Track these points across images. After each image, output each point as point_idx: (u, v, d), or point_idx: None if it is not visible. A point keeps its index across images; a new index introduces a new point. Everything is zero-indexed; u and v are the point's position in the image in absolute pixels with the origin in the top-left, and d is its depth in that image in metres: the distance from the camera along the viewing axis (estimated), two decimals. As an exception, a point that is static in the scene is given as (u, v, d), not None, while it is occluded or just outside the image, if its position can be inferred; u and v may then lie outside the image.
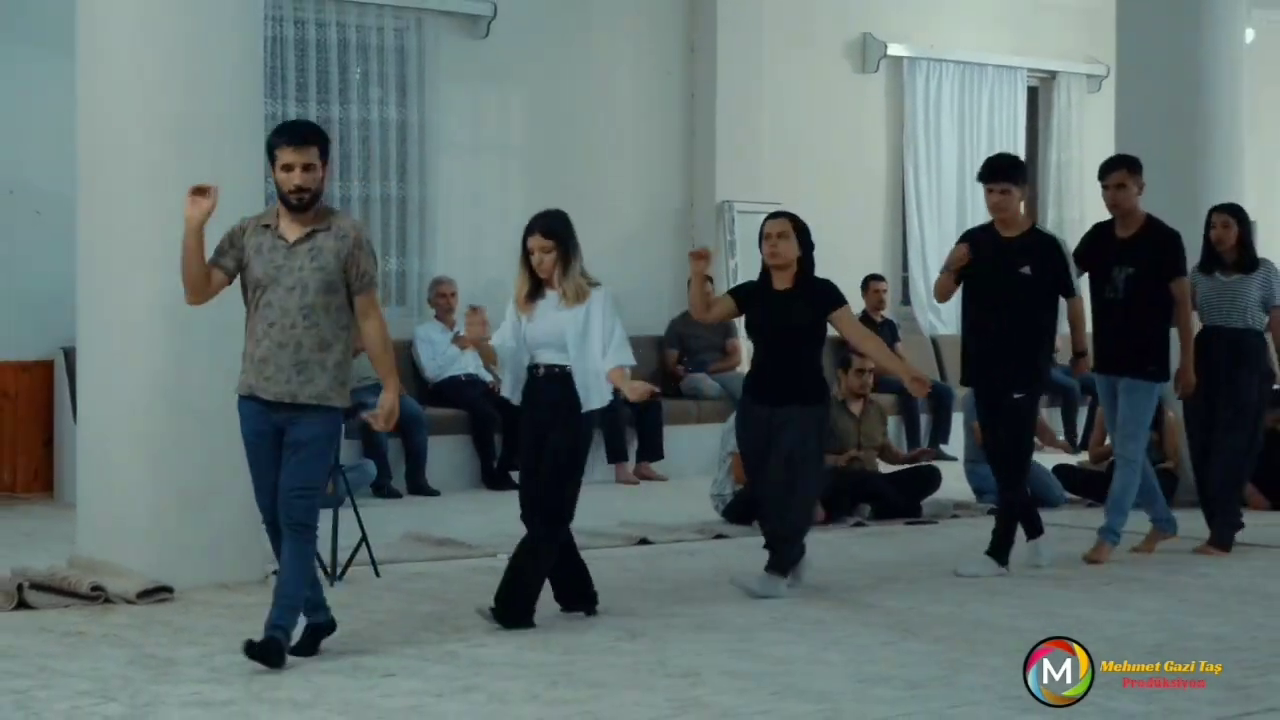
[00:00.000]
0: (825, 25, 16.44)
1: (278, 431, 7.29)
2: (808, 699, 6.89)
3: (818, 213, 15.80)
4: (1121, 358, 10.17)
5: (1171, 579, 9.83)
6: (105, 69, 9.18)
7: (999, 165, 10.12)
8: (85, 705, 6.73)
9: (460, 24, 14.47)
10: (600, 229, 14.16)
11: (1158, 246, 10.23)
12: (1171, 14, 13.11)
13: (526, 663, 7.54)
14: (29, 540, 10.30)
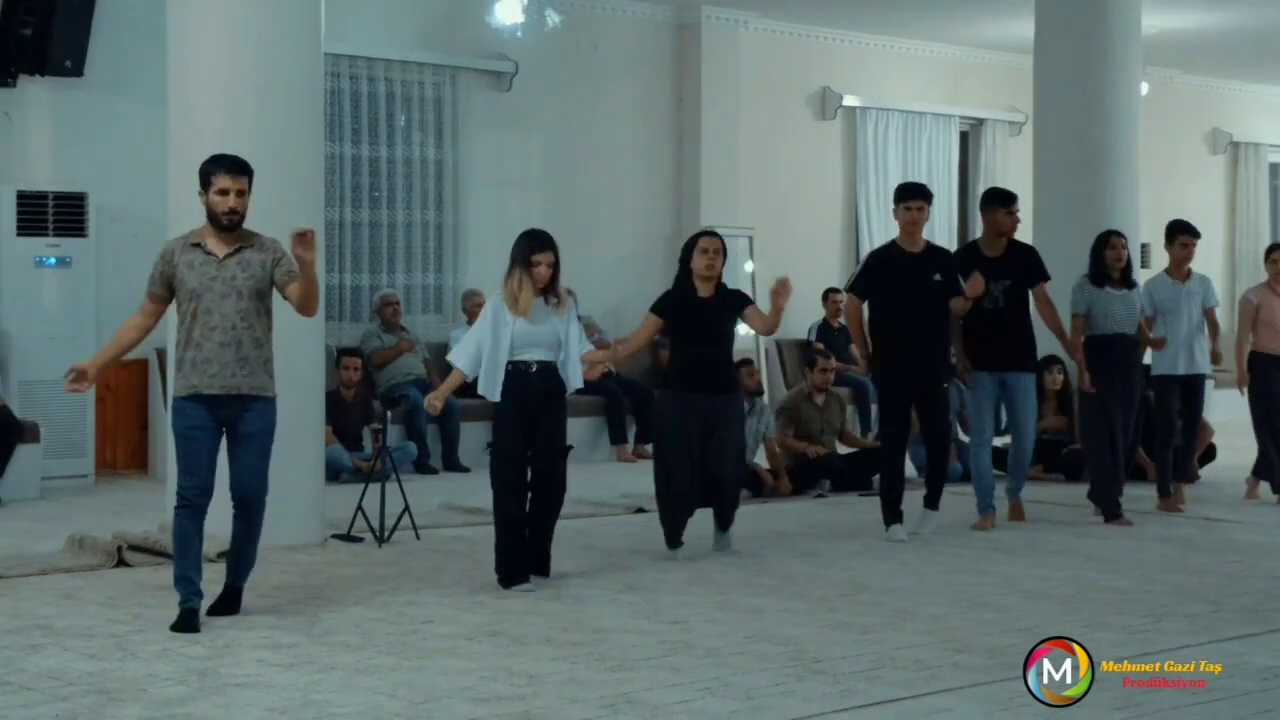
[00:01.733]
0: (791, 80, 16.44)
1: (219, 425, 7.16)
2: (777, 642, 6.91)
3: (784, 235, 15.92)
4: (1008, 357, 10.12)
5: (1044, 545, 9.80)
6: (192, 118, 9.16)
7: (920, 186, 10.24)
8: (174, 647, 6.72)
9: (488, 79, 14.46)
10: (603, 249, 14.18)
11: (1027, 260, 10.33)
12: (1079, 71, 13.11)
13: (543, 611, 7.55)
14: (127, 509, 10.27)
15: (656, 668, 6.43)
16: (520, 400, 8.13)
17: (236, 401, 7.12)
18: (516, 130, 14.72)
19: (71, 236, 11.79)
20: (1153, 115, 15.58)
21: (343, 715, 5.68)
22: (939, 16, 15.99)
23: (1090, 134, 13.06)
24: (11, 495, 10.94)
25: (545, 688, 6.10)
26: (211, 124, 9.08)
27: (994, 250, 10.29)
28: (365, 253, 13.95)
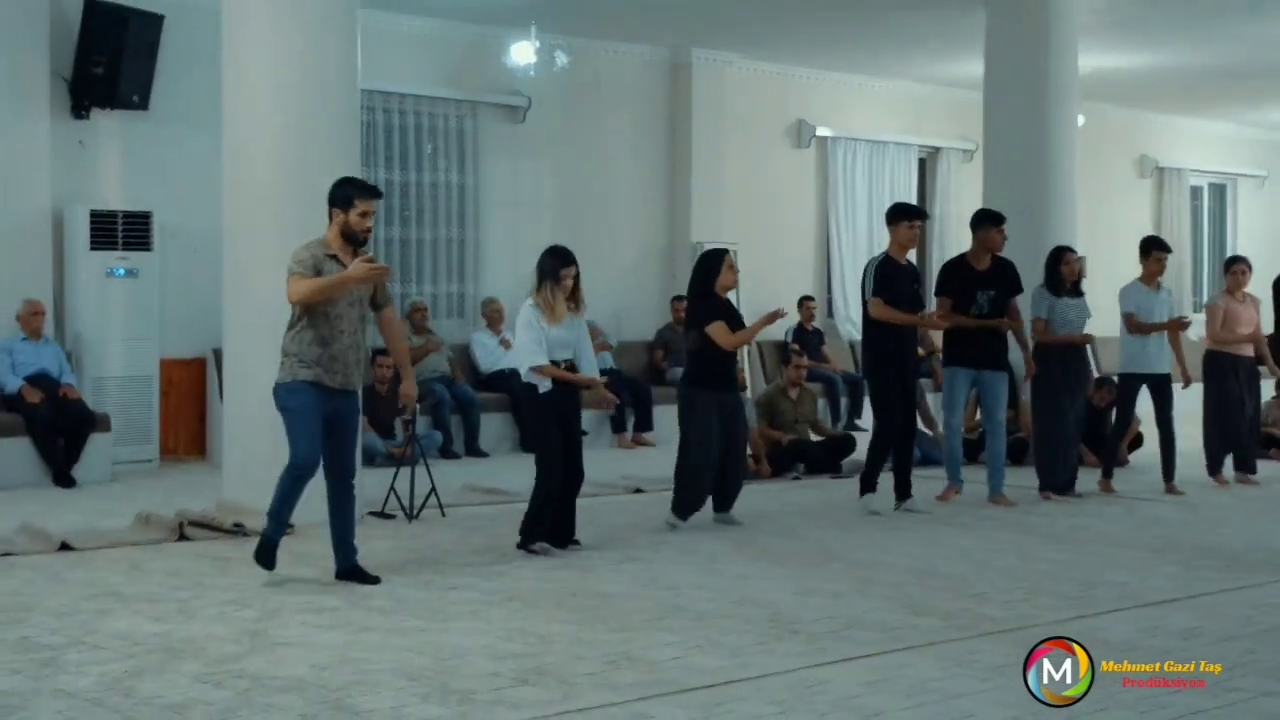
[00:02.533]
0: (770, 113, 16.43)
1: (334, 411, 7.35)
2: (758, 605, 6.93)
3: (764, 249, 15.90)
4: (988, 357, 10.13)
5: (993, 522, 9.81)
6: (244, 146, 9.17)
7: (904, 208, 10.33)
8: (229, 611, 6.74)
9: (504, 113, 14.46)
10: (607, 262, 14.15)
11: (1009, 275, 10.33)
12: (1023, 104, 13.10)
13: (552, 579, 7.56)
14: (187, 490, 10.27)
15: (653, 629, 6.45)
16: (556, 395, 8.25)
17: (347, 396, 7.44)
18: (529, 157, 14.71)
19: (138, 250, 11.78)
20: (1088, 144, 15.57)
21: (377, 670, 5.70)
22: (900, 56, 15.99)
23: (1033, 161, 13.06)
24: (86, 478, 10.94)
25: (555, 646, 6.11)
26: (261, 151, 9.10)
27: (981, 264, 10.29)
28: (396, 265, 13.94)
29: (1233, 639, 6.31)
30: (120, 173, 12.25)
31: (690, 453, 9.21)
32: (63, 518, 9.18)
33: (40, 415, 10.91)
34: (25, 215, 11.69)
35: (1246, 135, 21.68)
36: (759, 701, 5.30)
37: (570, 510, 8.48)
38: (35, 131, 11.74)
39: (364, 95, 10.15)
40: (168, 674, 5.62)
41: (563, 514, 8.41)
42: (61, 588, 7.27)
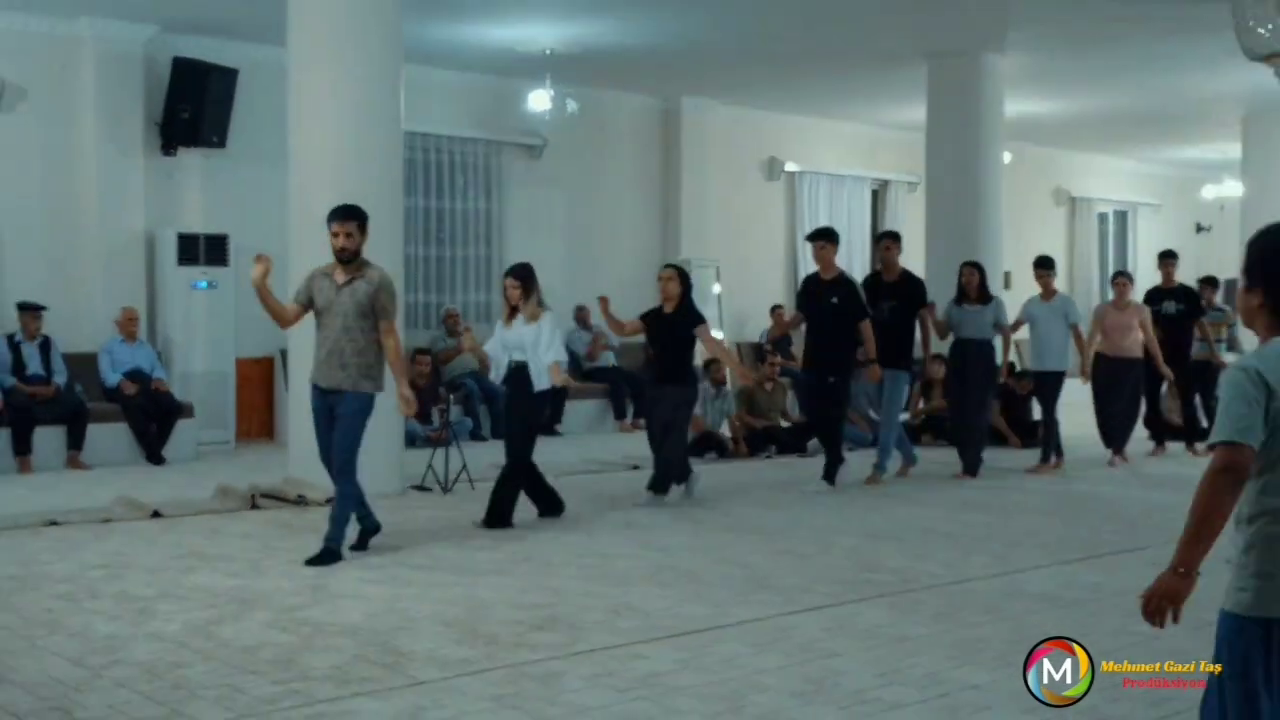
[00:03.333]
0: (747, 151, 16.43)
1: (329, 408, 7.00)
2: (737, 564, 6.95)
3: (741, 266, 15.93)
4: (890, 359, 9.95)
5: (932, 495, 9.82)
6: (306, 179, 9.18)
7: (824, 230, 10.13)
8: (295, 569, 6.75)
9: (524, 150, 14.47)
10: (608, 275, 14.14)
11: (912, 287, 10.21)
12: (959, 144, 13.13)
13: (565, 542, 7.58)
14: (258, 467, 10.26)
15: (649, 583, 6.46)
16: (507, 388, 8.25)
17: (336, 394, 6.97)
18: (545, 188, 14.71)
19: (217, 266, 11.80)
20: (1013, 177, 15.57)
21: (418, 617, 5.71)
22: (856, 103, 16.01)
23: (967, 191, 13.09)
24: (173, 457, 10.95)
25: (567, 597, 6.13)
26: (320, 183, 9.08)
27: (890, 277, 10.22)
28: (433, 278, 13.96)
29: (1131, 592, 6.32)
30: (202, 201, 12.26)
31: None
32: (154, 490, 9.19)
33: (135, 405, 10.92)
34: (123, 236, 11.71)
35: (1144, 170, 21.73)
36: (738, 644, 5.31)
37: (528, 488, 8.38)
38: (132, 166, 11.76)
39: (406, 136, 10.15)
40: (242, 621, 5.64)
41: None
42: (153, 549, 7.29)
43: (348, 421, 6.95)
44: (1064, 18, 11.74)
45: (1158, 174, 21.95)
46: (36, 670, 4.89)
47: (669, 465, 8.99)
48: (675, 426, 9.00)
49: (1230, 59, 10.96)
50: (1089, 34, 12.29)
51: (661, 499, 8.98)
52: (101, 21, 11.44)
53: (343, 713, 4.39)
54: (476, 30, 12.00)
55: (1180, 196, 21.99)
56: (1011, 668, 5.01)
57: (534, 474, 8.34)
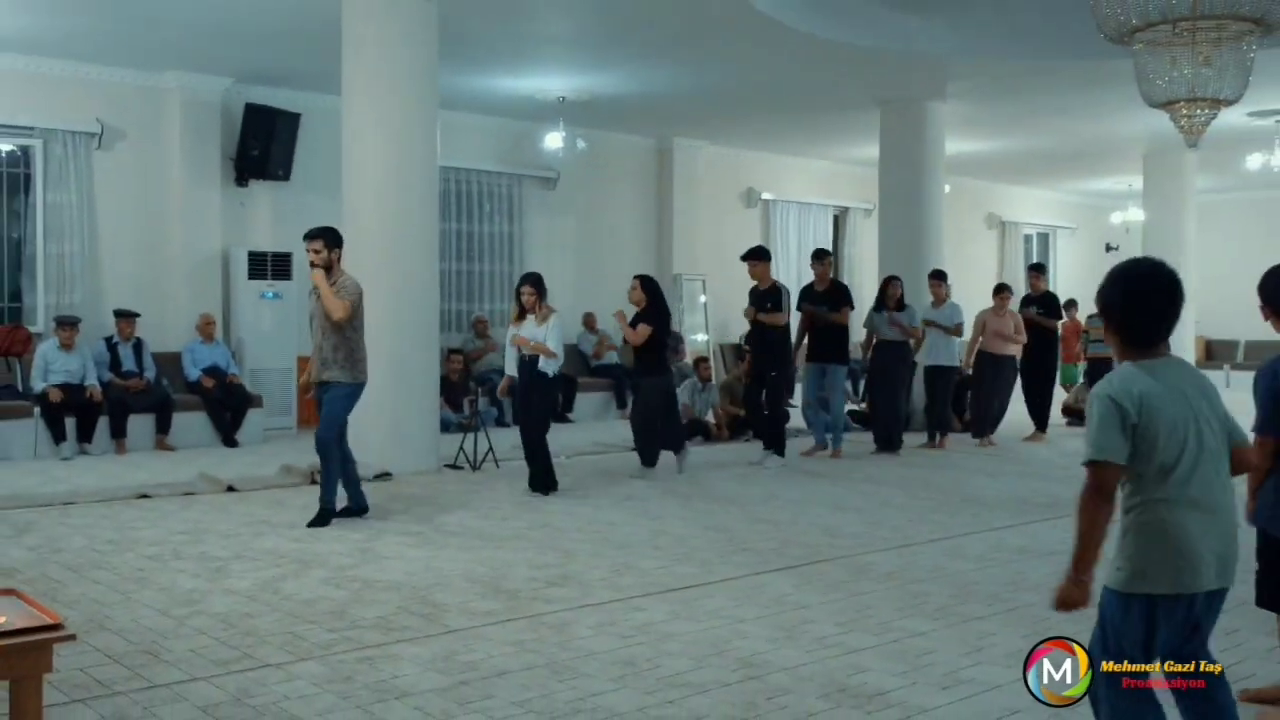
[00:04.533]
0: (729, 182, 16.41)
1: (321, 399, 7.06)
2: (720, 531, 6.93)
3: (725, 280, 15.86)
4: (827, 355, 10.05)
5: (904, 471, 9.80)
6: (357, 206, 9.15)
7: (752, 250, 10.00)
8: (345, 534, 6.74)
9: (541, 182, 14.43)
10: (611, 288, 14.07)
11: (839, 294, 10.21)
12: (906, 177, 13.07)
13: (574, 513, 7.55)
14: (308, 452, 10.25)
15: (646, 547, 6.44)
16: (520, 378, 8.18)
17: (322, 385, 7.03)
18: (558, 214, 14.68)
19: (281, 280, 11.77)
20: (952, 205, 15.51)
21: (450, 575, 5.69)
22: (820, 142, 15.98)
23: (913, 217, 13.05)
24: (245, 441, 10.90)
25: (576, 559, 6.11)
26: (369, 209, 9.08)
27: (821, 286, 10.22)
28: (464, 289, 13.92)
29: (1056, 553, 6.32)
30: (269, 225, 12.24)
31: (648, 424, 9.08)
32: (229, 468, 9.17)
33: (213, 396, 10.89)
34: (202, 254, 11.68)
35: (1062, 199, 21.72)
36: (721, 598, 5.30)
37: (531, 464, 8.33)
38: (210, 196, 11.73)
39: (441, 170, 10.12)
40: (302, 578, 5.62)
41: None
42: (228, 517, 7.27)
43: (331, 405, 6.96)
44: (995, 72, 11.76)
45: (1073, 202, 21.95)
46: (129, 619, 4.87)
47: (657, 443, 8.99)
48: (653, 412, 8.93)
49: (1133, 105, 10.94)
50: (1015, 85, 12.32)
51: (645, 471, 8.98)
52: (186, 74, 11.42)
53: (388, 656, 4.38)
54: (501, 82, 11.99)
55: (1092, 221, 21.98)
56: (952, 617, 5.01)
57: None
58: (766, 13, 9.36)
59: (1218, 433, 2.89)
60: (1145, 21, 6.62)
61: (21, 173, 11.04)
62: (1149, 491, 2.85)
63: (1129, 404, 2.81)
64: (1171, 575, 2.84)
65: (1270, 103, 12.93)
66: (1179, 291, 2.88)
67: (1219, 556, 2.86)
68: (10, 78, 10.72)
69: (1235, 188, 19.68)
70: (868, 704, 3.87)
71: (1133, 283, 2.90)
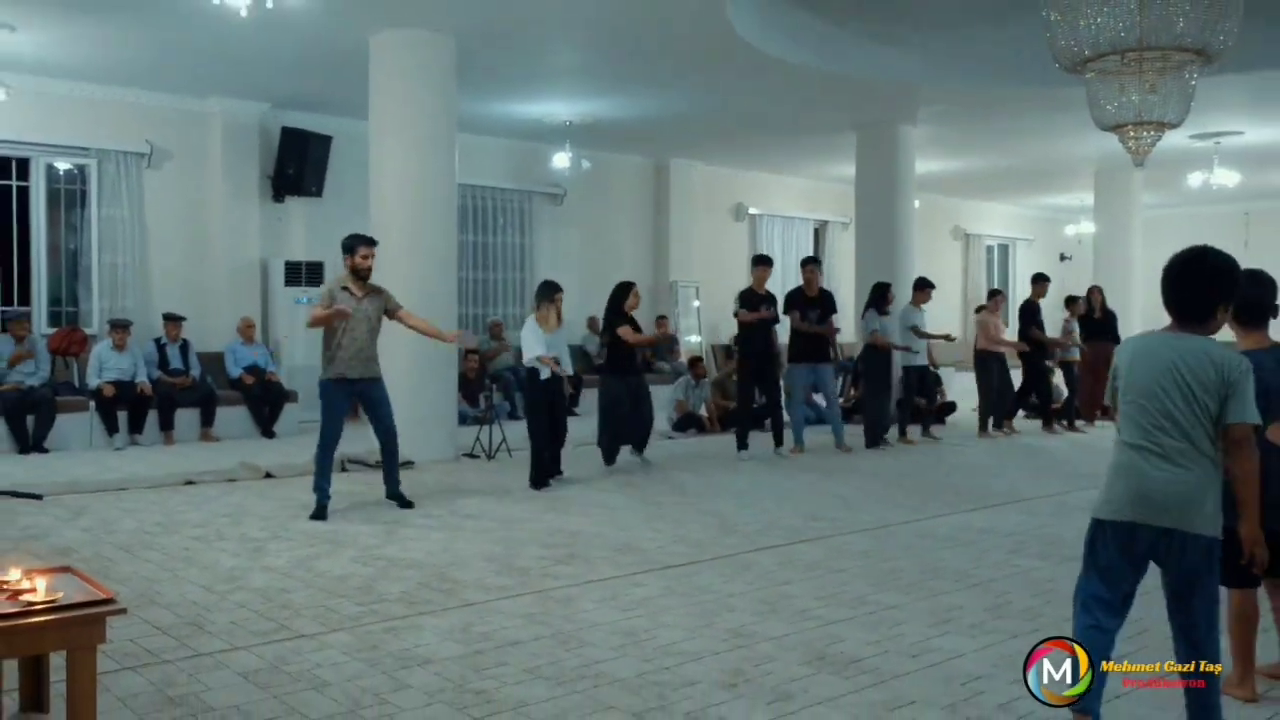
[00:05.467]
0: (720, 198, 16.42)
1: (354, 395, 6.88)
2: (712, 514, 6.90)
3: (716, 286, 15.89)
4: (816, 355, 9.87)
5: (881, 461, 9.78)
6: (383, 220, 9.14)
7: (764, 256, 9.95)
8: (372, 517, 6.72)
9: (549, 198, 14.43)
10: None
11: (827, 301, 10.02)
12: (880, 194, 13.05)
13: (578, 498, 7.54)
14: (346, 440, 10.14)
15: (645, 528, 6.43)
16: (548, 378, 7.95)
17: (370, 381, 6.86)
18: (565, 227, 14.69)
19: (314, 286, 11.72)
20: (922, 219, 15.50)
21: (467, 555, 5.68)
22: (802, 162, 15.99)
23: (886, 230, 13.02)
24: (282, 432, 10.91)
25: (582, 538, 6.10)
26: (394, 223, 9.07)
27: (811, 292, 9.99)
28: (480, 295, 13.93)
29: (1014, 534, 6.31)
30: (304, 237, 12.23)
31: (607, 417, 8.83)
32: (267, 457, 9.16)
33: (253, 392, 10.88)
34: (243, 263, 11.67)
35: (1021, 213, 21.72)
36: (712, 575, 5.29)
37: (557, 457, 8.12)
38: (250, 210, 11.73)
39: (459, 187, 10.12)
40: (334, 557, 5.61)
41: (553, 460, 8.07)
42: (266, 501, 7.27)
43: (388, 402, 6.91)
44: (960, 99, 11.76)
45: (1031, 215, 21.94)
46: (176, 595, 4.86)
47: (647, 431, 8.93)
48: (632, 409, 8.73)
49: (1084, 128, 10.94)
50: (978, 110, 12.33)
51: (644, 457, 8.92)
52: (227, 100, 11.42)
53: (411, 627, 4.37)
54: (513, 107, 11.98)
55: (1048, 233, 21.98)
56: (922, 592, 5.00)
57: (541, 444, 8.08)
58: (751, 43, 9.35)
59: (1192, 399, 2.90)
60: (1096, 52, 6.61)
61: (78, 189, 11.03)
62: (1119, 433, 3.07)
63: (1121, 361, 3.07)
64: (1099, 503, 3.07)
65: (1210, 126, 12.94)
66: (1187, 276, 2.96)
67: (1136, 493, 2.96)
68: (69, 103, 10.72)
69: (1178, 203, 19.68)
70: (845, 670, 3.87)
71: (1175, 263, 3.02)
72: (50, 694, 3.44)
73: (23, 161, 10.70)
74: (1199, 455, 2.91)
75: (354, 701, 3.51)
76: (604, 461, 8.86)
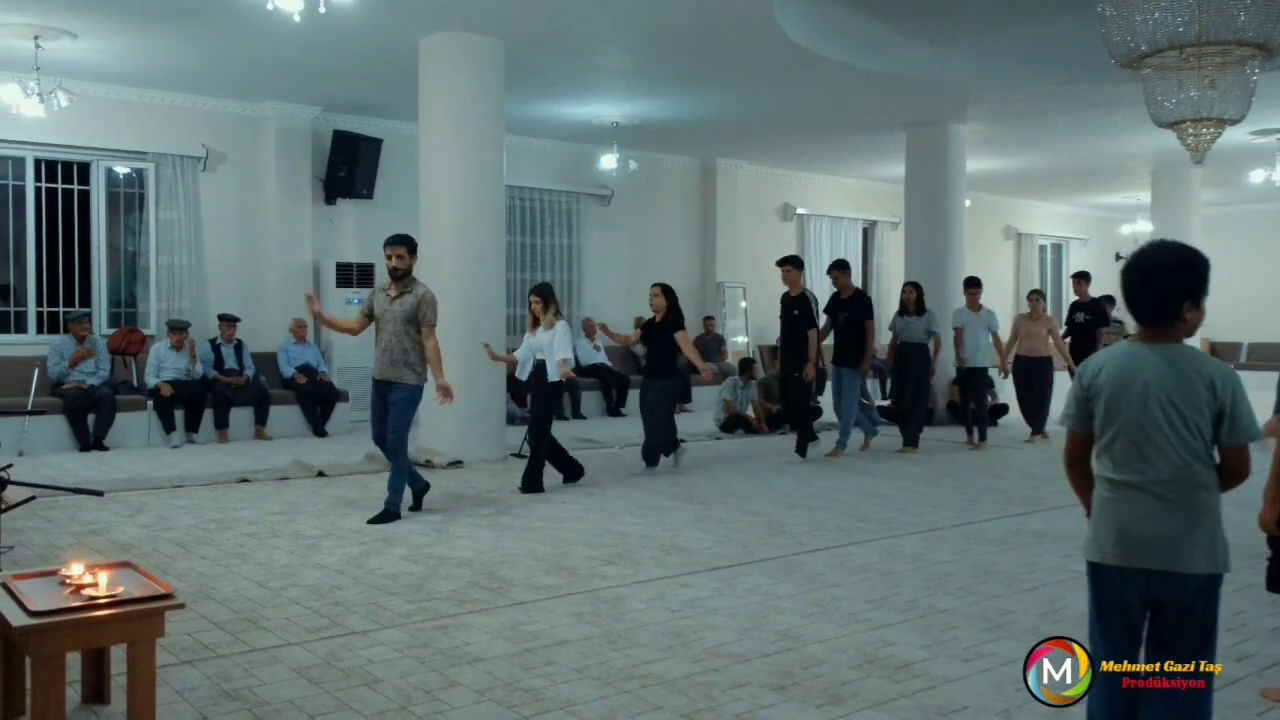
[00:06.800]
0: (767, 198, 16.34)
1: (384, 397, 6.61)
2: (758, 515, 6.87)
3: (763, 287, 15.81)
4: (845, 359, 9.71)
5: (912, 465, 9.69)
6: (432, 222, 9.21)
7: (787, 258, 9.70)
8: (422, 516, 6.77)
9: (597, 199, 14.45)
10: (662, 295, 14.10)
11: (860, 303, 9.81)
12: (930, 193, 12.95)
13: (627, 497, 7.53)
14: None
15: (692, 528, 6.42)
16: (532, 382, 7.89)
17: (389, 385, 6.62)
18: (613, 228, 14.70)
19: (365, 287, 11.84)
20: (972, 218, 15.38)
21: (515, 554, 5.71)
22: (851, 161, 15.87)
23: (937, 229, 12.91)
24: (334, 431, 11.04)
25: (629, 539, 6.10)
26: (444, 224, 9.14)
27: (844, 295, 9.85)
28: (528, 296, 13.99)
29: (1067, 537, 6.22)
30: (355, 238, 12.36)
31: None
32: (319, 456, 9.28)
33: (305, 392, 11.02)
34: (296, 265, 11.82)
35: (1074, 212, 21.38)
36: (760, 576, 5.27)
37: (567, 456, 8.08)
38: (302, 213, 11.87)
39: (507, 189, 10.17)
40: (384, 555, 5.67)
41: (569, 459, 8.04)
42: (318, 499, 7.35)
43: (399, 407, 6.57)
44: (1012, 96, 11.59)
45: (1085, 215, 21.60)
46: (232, 590, 4.94)
47: (655, 442, 8.66)
48: (659, 410, 8.64)
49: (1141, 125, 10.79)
50: (1031, 108, 12.14)
51: (652, 469, 8.65)
52: (281, 104, 11.57)
53: (460, 625, 4.40)
54: (561, 109, 12.02)
55: (1103, 232, 21.62)
56: (973, 595, 4.94)
57: (556, 447, 8.00)
58: (800, 43, 9.31)
59: (1181, 424, 2.54)
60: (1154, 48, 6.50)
61: (137, 193, 11.25)
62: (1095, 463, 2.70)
63: (1086, 377, 2.69)
64: (1086, 541, 2.71)
65: (1271, 122, 12.65)
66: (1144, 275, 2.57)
67: (1119, 533, 2.60)
68: (127, 108, 10.93)
69: (1238, 201, 19.28)
70: (895, 674, 3.84)
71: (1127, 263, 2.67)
72: (111, 686, 3.52)
73: (83, 165, 10.93)
74: (1191, 485, 2.55)
75: (405, 698, 3.55)
76: (675, 462, 8.84)
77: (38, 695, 2.99)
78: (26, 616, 3.02)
